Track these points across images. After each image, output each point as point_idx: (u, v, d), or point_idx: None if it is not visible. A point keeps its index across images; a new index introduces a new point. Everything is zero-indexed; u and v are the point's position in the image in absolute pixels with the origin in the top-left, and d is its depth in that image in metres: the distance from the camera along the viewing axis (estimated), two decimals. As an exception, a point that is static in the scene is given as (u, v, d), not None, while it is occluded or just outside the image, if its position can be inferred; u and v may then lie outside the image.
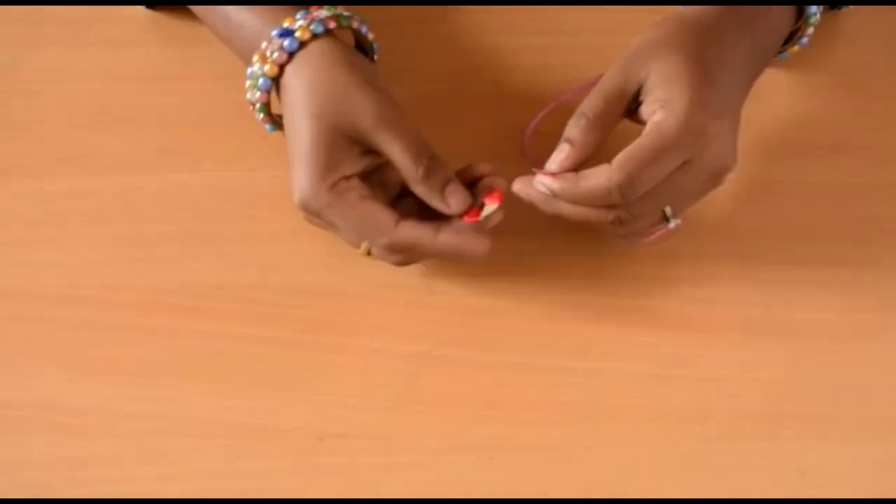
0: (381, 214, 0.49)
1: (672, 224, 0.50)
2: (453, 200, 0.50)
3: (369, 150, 0.50)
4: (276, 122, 0.54)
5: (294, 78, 0.50)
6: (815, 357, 0.53)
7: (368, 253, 0.51)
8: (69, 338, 0.53)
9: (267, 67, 0.51)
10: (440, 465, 0.50)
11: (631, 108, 0.50)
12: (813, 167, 0.58)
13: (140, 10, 0.63)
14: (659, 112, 0.48)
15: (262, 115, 0.53)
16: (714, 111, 0.48)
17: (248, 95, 0.52)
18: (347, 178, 0.50)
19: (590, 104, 0.49)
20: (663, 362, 0.52)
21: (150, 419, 0.51)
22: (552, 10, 0.63)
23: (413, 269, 0.54)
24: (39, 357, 0.53)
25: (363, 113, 0.49)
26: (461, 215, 0.50)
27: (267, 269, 0.55)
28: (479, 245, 0.50)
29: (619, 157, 0.47)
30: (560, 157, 0.49)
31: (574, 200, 0.49)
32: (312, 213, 0.50)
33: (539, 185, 0.49)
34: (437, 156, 0.50)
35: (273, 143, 0.58)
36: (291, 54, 0.50)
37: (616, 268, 0.55)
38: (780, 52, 0.57)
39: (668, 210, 0.50)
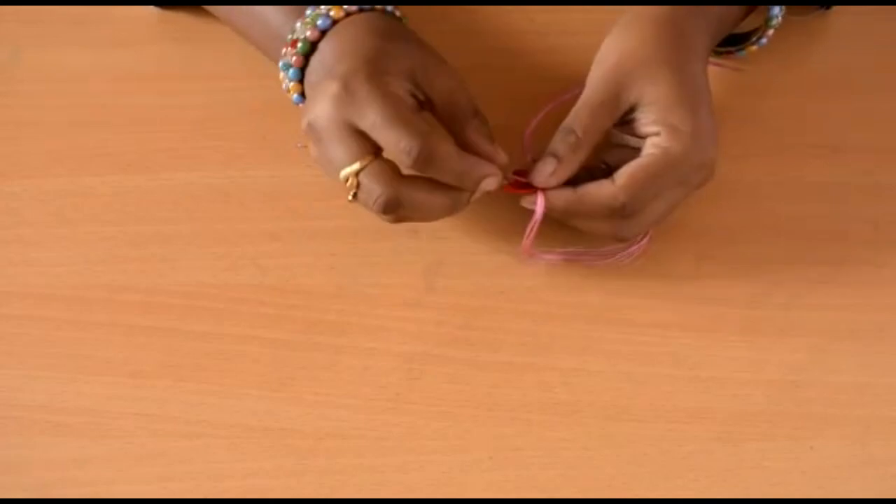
0: (419, 120, 0.47)
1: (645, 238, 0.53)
2: (502, 153, 0.49)
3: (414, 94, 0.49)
4: (299, 72, 0.52)
5: (337, 42, 0.50)
6: (816, 357, 0.53)
7: (357, 185, 0.48)
8: (68, 338, 0.53)
9: (333, 11, 0.50)
10: (439, 465, 0.50)
11: (621, 121, 0.51)
12: (813, 167, 0.58)
13: (139, 10, 0.63)
14: (665, 137, 0.49)
15: (297, 57, 0.50)
16: (713, 136, 0.50)
17: (293, 35, 0.50)
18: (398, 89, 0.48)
19: (577, 120, 0.50)
20: (663, 362, 0.52)
21: (149, 419, 0.51)
22: (552, 10, 0.63)
23: (413, 267, 0.54)
24: (38, 357, 0.52)
25: (416, 55, 0.49)
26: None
27: (265, 270, 0.55)
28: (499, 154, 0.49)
29: (625, 179, 0.49)
30: (547, 170, 0.50)
31: (576, 215, 0.51)
32: (349, 94, 0.47)
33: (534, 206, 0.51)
34: None
35: (273, 143, 0.58)
36: (348, 14, 0.50)
37: (616, 267, 0.55)
38: (739, 49, 0.59)
39: None
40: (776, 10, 0.56)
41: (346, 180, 0.48)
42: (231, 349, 0.53)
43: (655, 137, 0.49)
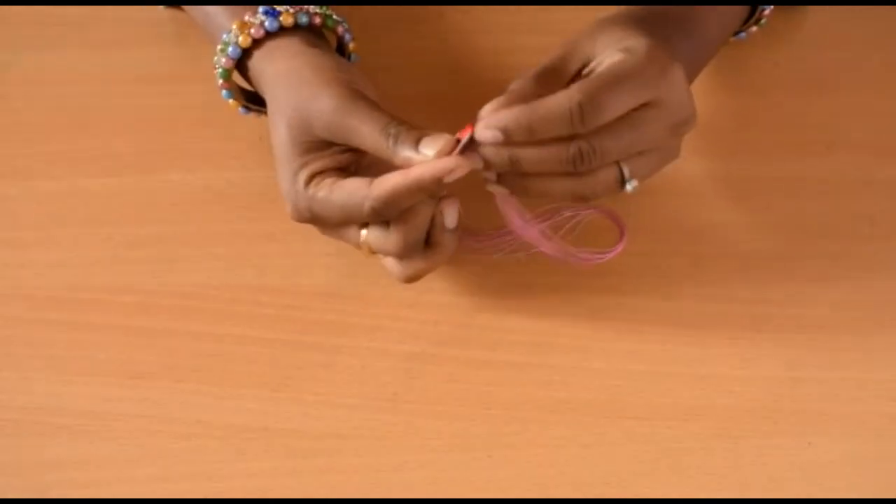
0: (353, 184, 0.47)
1: (629, 186, 0.47)
2: (427, 148, 0.46)
3: (349, 148, 0.49)
4: (234, 91, 0.54)
5: (266, 68, 0.51)
6: (813, 353, 0.53)
7: (370, 250, 0.49)
8: (66, 339, 0.53)
9: (241, 38, 0.51)
10: (438, 464, 0.50)
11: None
12: (809, 164, 0.58)
13: (138, 11, 0.63)
14: (619, 55, 0.46)
15: (221, 81, 0.53)
16: (672, 56, 0.47)
17: (215, 59, 0.52)
18: (322, 173, 0.49)
19: (530, 70, 0.48)
20: (661, 360, 0.52)
21: (148, 420, 0.51)
22: (551, 10, 0.63)
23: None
24: (36, 359, 0.53)
25: (323, 117, 0.48)
26: None
27: (264, 270, 0.55)
28: (458, 161, 0.45)
29: (580, 81, 0.45)
30: (494, 103, 0.46)
31: (530, 128, 0.45)
32: (305, 217, 0.49)
33: (490, 130, 0.45)
34: (405, 121, 0.47)
35: (270, 144, 0.58)
36: (269, 34, 0.51)
37: (614, 265, 0.54)
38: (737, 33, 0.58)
39: (626, 171, 0.47)
40: (767, 10, 0.56)
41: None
42: (230, 349, 0.53)
43: (613, 58, 0.47)
